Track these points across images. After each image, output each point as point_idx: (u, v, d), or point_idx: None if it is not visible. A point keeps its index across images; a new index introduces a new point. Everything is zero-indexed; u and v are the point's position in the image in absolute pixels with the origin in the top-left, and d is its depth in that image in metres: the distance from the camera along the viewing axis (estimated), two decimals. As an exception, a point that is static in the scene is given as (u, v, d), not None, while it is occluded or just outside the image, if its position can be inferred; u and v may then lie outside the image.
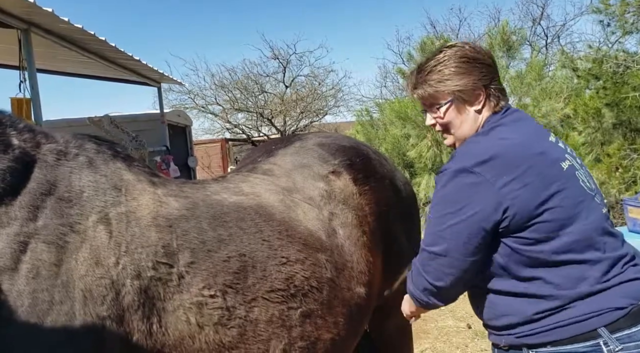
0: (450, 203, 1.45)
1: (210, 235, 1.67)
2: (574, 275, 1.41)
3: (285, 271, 1.75)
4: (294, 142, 2.34)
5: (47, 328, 1.33)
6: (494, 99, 1.58)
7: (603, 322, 1.39)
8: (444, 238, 1.46)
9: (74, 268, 1.41)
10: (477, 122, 1.59)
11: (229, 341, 1.60)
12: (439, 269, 1.48)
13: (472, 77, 1.56)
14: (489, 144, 1.48)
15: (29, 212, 1.43)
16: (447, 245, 1.45)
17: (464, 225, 1.43)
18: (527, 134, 1.51)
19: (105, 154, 1.70)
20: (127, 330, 1.44)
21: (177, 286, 1.54)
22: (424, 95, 1.62)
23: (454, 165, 1.47)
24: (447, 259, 1.46)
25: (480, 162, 1.42)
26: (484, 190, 1.40)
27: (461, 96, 1.57)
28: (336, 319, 1.85)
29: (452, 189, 1.45)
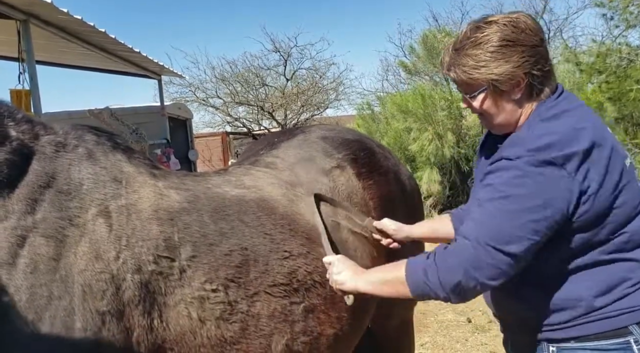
0: (530, 198, 1.28)
1: (211, 228, 1.65)
2: (617, 274, 1.35)
3: (288, 265, 1.73)
4: (297, 135, 2.31)
5: (45, 323, 1.31)
6: (537, 85, 1.40)
7: (635, 319, 1.33)
8: (522, 237, 1.28)
9: (73, 263, 1.39)
10: (518, 111, 1.43)
11: (231, 336, 1.58)
12: (500, 267, 1.30)
13: (510, 64, 1.37)
14: (566, 134, 1.32)
15: (26, 205, 1.40)
16: (526, 245, 1.29)
17: (544, 224, 1.28)
18: (598, 125, 1.39)
19: (105, 146, 1.67)
20: (127, 325, 1.42)
21: (179, 280, 1.52)
22: (457, 79, 1.47)
23: (537, 154, 1.29)
24: (518, 260, 1.30)
25: (566, 155, 1.28)
26: (566, 185, 1.28)
27: (497, 85, 1.40)
28: (339, 314, 1.83)
29: (535, 183, 1.28)
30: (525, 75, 1.38)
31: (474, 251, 1.31)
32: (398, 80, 16.52)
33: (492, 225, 1.31)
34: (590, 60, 6.61)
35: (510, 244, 1.28)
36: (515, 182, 1.30)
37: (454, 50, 1.46)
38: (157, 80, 10.76)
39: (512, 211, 1.29)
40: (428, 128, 9.09)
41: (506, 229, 1.29)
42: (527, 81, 1.39)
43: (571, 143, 1.29)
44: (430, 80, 11.93)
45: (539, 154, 1.29)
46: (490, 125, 1.51)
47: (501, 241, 1.29)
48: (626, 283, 1.35)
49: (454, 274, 1.33)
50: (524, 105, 1.43)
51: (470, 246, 1.32)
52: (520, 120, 1.44)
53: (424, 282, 1.39)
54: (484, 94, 1.43)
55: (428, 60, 11.77)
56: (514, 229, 1.28)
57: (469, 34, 1.43)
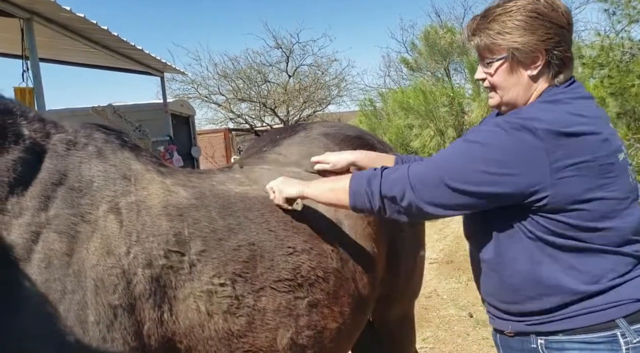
0: (499, 152, 1.31)
1: (220, 224, 1.68)
2: (604, 266, 1.35)
3: (292, 261, 1.76)
4: (298, 132, 2.33)
5: (59, 316, 1.34)
6: (554, 67, 1.40)
7: (622, 312, 1.34)
8: (468, 181, 1.33)
9: (85, 258, 1.42)
10: (530, 90, 1.43)
11: (238, 329, 1.61)
12: (436, 196, 1.37)
13: (535, 37, 1.37)
14: (558, 115, 1.33)
15: (40, 202, 1.43)
16: (466, 188, 1.34)
17: (496, 181, 1.31)
18: (596, 116, 1.39)
19: (114, 144, 1.70)
20: (138, 318, 1.45)
21: (189, 274, 1.55)
22: (479, 44, 1.45)
23: (523, 120, 1.31)
24: (454, 196, 1.35)
25: (551, 131, 1.28)
26: (539, 160, 1.28)
27: (517, 55, 1.39)
28: (342, 309, 1.86)
29: (510, 140, 1.30)
30: (546, 52, 1.38)
31: (424, 170, 1.40)
32: (400, 76, 16.54)
33: (451, 160, 1.38)
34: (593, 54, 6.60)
35: (455, 181, 1.34)
36: (493, 135, 1.34)
37: (482, 16, 1.46)
38: (159, 78, 10.77)
39: (474, 156, 1.34)
40: (430, 124, 9.10)
41: (460, 166, 1.35)
42: (546, 59, 1.39)
43: (559, 123, 1.30)
44: (432, 76, 11.93)
45: (523, 120, 1.31)
46: (498, 104, 1.49)
47: (450, 175, 1.35)
48: (610, 275, 1.35)
49: (394, 186, 1.41)
50: (537, 85, 1.42)
51: (423, 166, 1.41)
52: (529, 101, 1.44)
53: (365, 191, 1.46)
54: (501, 61, 1.42)
55: (430, 57, 11.77)
56: (466, 169, 1.34)
57: (500, 3, 1.44)
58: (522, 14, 1.38)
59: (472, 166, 1.33)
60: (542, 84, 1.42)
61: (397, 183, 1.42)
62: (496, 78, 1.45)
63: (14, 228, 1.38)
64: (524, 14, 1.38)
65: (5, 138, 1.46)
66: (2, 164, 1.42)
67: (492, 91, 1.50)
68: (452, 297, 5.18)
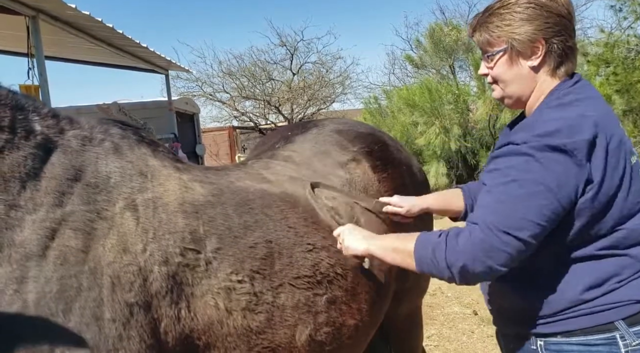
0: (539, 182, 1.25)
1: (236, 221, 1.68)
2: (609, 269, 1.33)
3: (311, 258, 1.76)
4: (310, 129, 2.33)
5: (75, 313, 1.34)
6: (556, 57, 1.38)
7: (622, 314, 1.32)
8: (531, 222, 1.26)
9: (101, 255, 1.41)
10: (533, 82, 1.41)
11: (257, 326, 1.61)
12: (510, 253, 1.28)
13: (532, 26, 1.36)
14: (574, 121, 1.29)
15: (54, 198, 1.42)
16: (534, 229, 1.26)
17: (552, 209, 1.26)
18: (608, 116, 1.36)
19: (131, 139, 1.68)
20: (155, 316, 1.44)
21: (205, 271, 1.55)
22: (479, 39, 1.45)
23: (545, 139, 1.27)
24: (527, 245, 1.28)
25: (575, 143, 1.25)
26: (574, 175, 1.26)
27: (515, 46, 1.38)
28: (360, 306, 1.86)
29: (543, 167, 1.26)
30: (546, 42, 1.37)
31: (484, 236, 1.29)
32: (405, 73, 16.50)
33: (502, 210, 1.29)
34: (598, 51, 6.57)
35: (520, 229, 1.26)
36: (524, 167, 1.28)
37: (483, 12, 1.47)
38: (164, 75, 10.80)
39: (521, 195, 1.27)
40: (435, 122, 9.08)
41: (516, 214, 1.27)
42: (546, 48, 1.37)
43: (579, 130, 1.27)
44: (437, 73, 11.89)
45: (545, 139, 1.26)
46: (501, 97, 1.48)
47: (511, 226, 1.27)
48: (615, 278, 1.33)
49: (461, 257, 1.31)
50: (539, 77, 1.40)
51: (479, 231, 1.30)
52: (533, 96, 1.42)
53: (431, 259, 1.38)
54: (501, 53, 1.41)
55: (435, 54, 11.73)
56: (523, 214, 1.26)
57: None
58: (520, 5, 1.38)
59: (529, 206, 1.26)
60: (544, 75, 1.40)
61: (465, 254, 1.32)
62: (496, 70, 1.44)
63: (28, 224, 1.37)
64: (522, 5, 1.38)
65: (15, 134, 1.45)
66: (13, 160, 1.42)
67: (494, 84, 1.49)
68: (456, 295, 5.17)
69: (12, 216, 1.37)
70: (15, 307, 1.31)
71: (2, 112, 1.46)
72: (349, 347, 1.92)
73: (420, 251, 1.41)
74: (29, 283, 1.33)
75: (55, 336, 1.32)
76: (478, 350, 3.98)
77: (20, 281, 1.33)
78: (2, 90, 1.51)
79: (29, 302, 1.31)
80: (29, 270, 1.34)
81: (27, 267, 1.34)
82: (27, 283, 1.33)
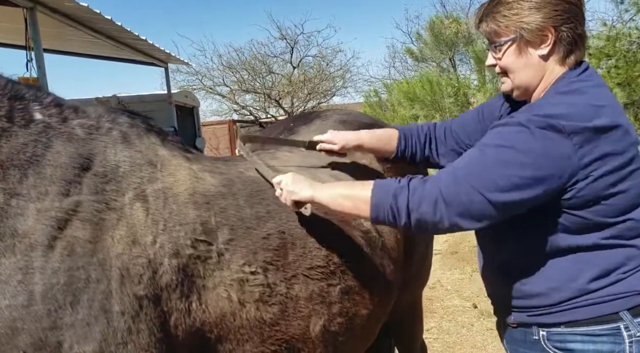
0: (530, 154, 1.25)
1: (248, 212, 1.66)
2: (615, 260, 1.32)
3: (325, 248, 1.75)
4: (313, 120, 2.33)
5: (84, 306, 1.31)
6: (565, 45, 1.35)
7: (627, 305, 1.31)
8: (505, 189, 1.25)
9: (110, 246, 1.37)
10: (542, 71, 1.38)
11: (270, 318, 1.59)
12: (470, 209, 1.28)
13: (541, 14, 1.33)
14: (582, 108, 1.28)
15: (61, 187, 1.38)
16: (506, 198, 1.26)
17: (531, 184, 1.25)
18: (615, 106, 1.34)
19: (139, 128, 1.65)
20: (165, 309, 1.41)
21: (217, 263, 1.52)
22: (486, 29, 1.42)
23: (547, 119, 1.25)
24: (491, 207, 1.27)
25: (578, 127, 1.24)
26: (569, 159, 1.24)
27: (524, 35, 1.35)
28: (372, 296, 1.85)
29: (539, 141, 1.24)
30: (555, 30, 1.34)
31: (454, 185, 1.30)
32: (405, 67, 16.44)
33: (482, 169, 1.28)
34: (600, 44, 6.54)
35: (492, 191, 1.26)
36: (520, 137, 1.26)
37: (490, 1, 1.44)
38: (164, 68, 10.77)
39: (506, 161, 1.26)
40: (435, 115, 9.06)
41: (489, 175, 1.27)
42: (555, 37, 1.34)
43: (584, 117, 1.25)
44: (437, 66, 11.86)
45: (548, 119, 1.25)
46: (510, 88, 1.45)
47: (485, 185, 1.26)
48: (621, 269, 1.32)
49: (424, 202, 1.31)
50: (548, 66, 1.38)
51: (452, 180, 1.31)
52: (540, 85, 1.40)
53: (390, 205, 1.36)
54: (510, 43, 1.38)
55: (435, 47, 11.70)
56: (497, 177, 1.26)
57: None
58: None
59: (507, 172, 1.26)
60: (554, 64, 1.38)
61: (426, 199, 1.32)
62: (505, 61, 1.41)
63: (32, 213, 1.34)
64: None
65: (13, 122, 1.42)
66: (11, 148, 1.38)
67: (503, 76, 1.45)
68: (456, 288, 5.17)
69: (12, 205, 1.33)
70: (20, 299, 1.27)
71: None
72: (361, 337, 1.92)
73: (379, 198, 1.38)
74: (35, 274, 1.29)
75: (63, 329, 1.29)
76: (477, 343, 3.98)
77: (25, 272, 1.29)
78: (1, 81, 1.48)
79: (35, 294, 1.28)
80: (34, 260, 1.30)
81: (33, 257, 1.30)
82: (33, 274, 1.29)
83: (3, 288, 1.27)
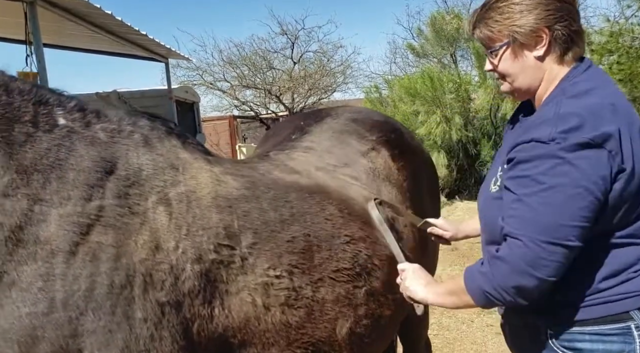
0: (574, 185, 1.20)
1: (271, 215, 1.64)
2: (626, 259, 1.30)
3: (350, 250, 1.74)
4: (324, 119, 2.32)
5: (106, 312, 1.29)
6: (561, 44, 1.33)
7: (637, 304, 1.29)
8: (575, 227, 1.21)
9: (133, 252, 1.36)
10: (540, 71, 1.36)
11: (296, 321, 1.58)
12: (559, 261, 1.22)
13: (533, 16, 1.32)
14: (598, 111, 1.24)
15: (83, 191, 1.37)
16: (579, 233, 1.22)
17: (592, 208, 1.21)
18: (626, 104, 1.31)
19: (160, 131, 1.64)
20: (187, 315, 1.40)
21: (241, 267, 1.51)
22: (480, 36, 1.42)
23: (571, 136, 1.21)
24: (574, 250, 1.23)
25: (601, 134, 1.20)
26: (606, 165, 1.21)
27: (518, 39, 1.34)
28: (395, 296, 1.85)
29: (573, 168, 1.20)
30: (549, 30, 1.32)
31: (527, 250, 1.23)
32: (406, 63, 16.36)
33: (542, 220, 1.23)
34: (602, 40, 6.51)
35: (565, 236, 1.21)
36: (555, 171, 1.22)
37: (481, 8, 1.44)
38: (164, 64, 10.74)
39: (560, 202, 1.21)
40: (436, 111, 9.03)
41: (557, 221, 1.21)
42: (550, 37, 1.33)
43: (603, 121, 1.22)
44: (438, 62, 11.82)
45: (573, 136, 1.21)
46: (510, 90, 1.44)
47: (555, 235, 1.21)
48: (632, 268, 1.30)
49: (512, 278, 1.26)
50: (546, 66, 1.36)
51: (521, 246, 1.24)
52: (542, 85, 1.38)
53: (483, 292, 1.31)
54: (504, 48, 1.37)
55: (436, 43, 11.66)
56: (565, 220, 1.21)
57: None
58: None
59: (567, 213, 1.21)
60: (552, 64, 1.36)
61: (510, 276, 1.26)
62: (502, 66, 1.40)
63: (54, 219, 1.32)
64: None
65: (37, 127, 1.41)
66: (35, 153, 1.37)
67: (502, 78, 1.45)
68: (456, 284, 5.17)
69: (36, 211, 1.31)
70: (41, 307, 1.25)
71: (24, 107, 1.42)
72: (384, 338, 1.92)
73: (472, 286, 1.35)
74: (56, 281, 1.27)
75: (84, 336, 1.27)
76: (477, 339, 3.98)
77: (46, 279, 1.27)
78: (26, 85, 1.47)
79: (56, 301, 1.26)
80: (55, 267, 1.28)
81: (54, 264, 1.28)
82: (54, 281, 1.27)
83: (23, 296, 1.25)
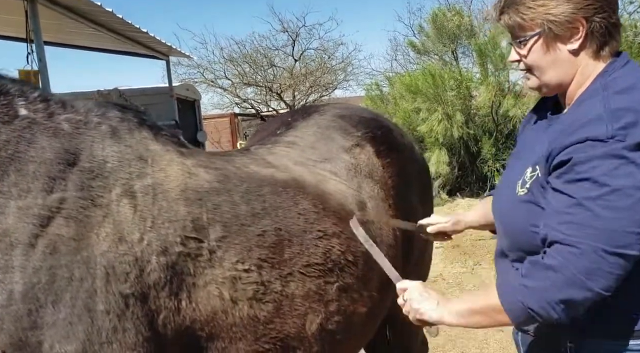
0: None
1: (243, 209, 1.63)
2: None
3: (322, 245, 1.72)
4: (311, 114, 2.30)
5: (66, 305, 1.29)
6: (599, 37, 1.21)
7: None
8: (636, 234, 1.10)
9: (95, 244, 1.35)
10: (573, 67, 1.25)
11: (264, 316, 1.58)
12: (618, 273, 1.11)
13: (571, 5, 1.19)
14: None
15: (44, 184, 1.36)
16: (636, 247, 1.10)
17: None
18: None
19: (131, 122, 1.61)
20: (152, 307, 1.39)
21: (209, 261, 1.50)
22: (509, 22, 1.28)
23: (625, 137, 1.10)
24: (633, 260, 1.11)
25: None
26: None
27: (552, 29, 1.21)
28: (370, 293, 1.84)
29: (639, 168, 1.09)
30: (586, 21, 1.20)
31: (586, 259, 1.11)
32: (407, 60, 16.34)
33: (606, 227, 1.10)
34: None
35: (630, 245, 1.10)
36: (619, 172, 1.10)
37: None
38: (165, 61, 10.75)
39: (627, 206, 1.09)
40: (437, 108, 9.01)
41: (623, 228, 1.10)
42: (587, 29, 1.21)
43: None
44: (439, 59, 11.79)
45: (633, 133, 1.10)
46: (538, 86, 1.32)
47: (619, 244, 1.10)
48: None
49: (563, 290, 1.13)
50: (580, 61, 1.24)
51: (579, 253, 1.12)
52: (575, 80, 1.26)
53: (526, 308, 1.17)
54: (535, 38, 1.24)
55: (437, 40, 11.62)
56: (631, 227, 1.09)
57: None
58: None
59: (633, 218, 1.10)
60: (587, 59, 1.24)
61: (563, 286, 1.14)
62: (531, 58, 1.27)
63: (13, 211, 1.32)
64: None
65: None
66: None
67: (528, 72, 1.32)
68: (457, 281, 5.17)
69: None
70: (0, 299, 1.25)
71: None
72: (359, 335, 1.90)
73: (510, 303, 1.20)
74: (15, 273, 1.27)
75: (43, 328, 1.27)
76: (479, 337, 3.98)
77: (5, 271, 1.27)
78: None
79: (14, 293, 1.26)
80: (14, 259, 1.28)
81: (13, 256, 1.28)
82: (13, 273, 1.27)
83: None
